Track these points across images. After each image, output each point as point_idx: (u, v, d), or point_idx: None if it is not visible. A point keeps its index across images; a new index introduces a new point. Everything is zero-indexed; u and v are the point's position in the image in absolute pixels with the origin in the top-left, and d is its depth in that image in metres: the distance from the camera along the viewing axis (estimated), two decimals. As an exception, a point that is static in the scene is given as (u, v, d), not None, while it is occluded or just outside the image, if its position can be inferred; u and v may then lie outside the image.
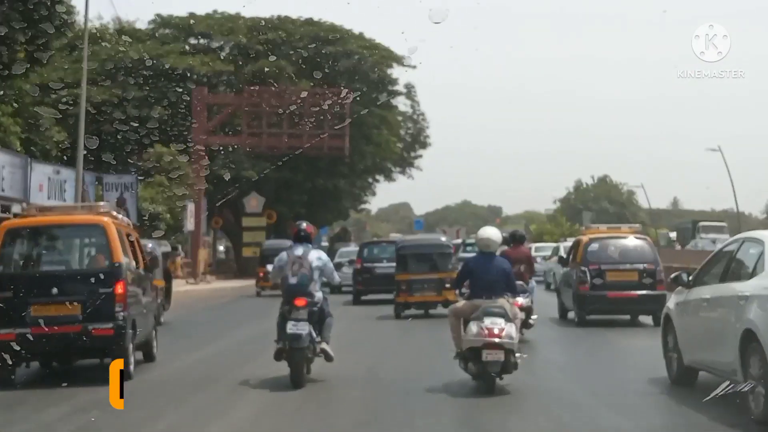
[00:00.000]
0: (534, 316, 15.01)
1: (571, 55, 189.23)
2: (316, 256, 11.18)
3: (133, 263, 12.49)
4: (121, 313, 11.35)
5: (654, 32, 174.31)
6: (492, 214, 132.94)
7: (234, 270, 48.87)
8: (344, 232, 60.01)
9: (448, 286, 19.03)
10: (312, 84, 42.07)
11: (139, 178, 32.41)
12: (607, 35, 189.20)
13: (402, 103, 63.99)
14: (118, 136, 32.66)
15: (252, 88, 39.96)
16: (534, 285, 15.95)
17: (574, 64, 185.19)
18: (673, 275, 10.77)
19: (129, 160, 32.66)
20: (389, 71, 50.61)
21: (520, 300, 13.17)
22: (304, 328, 10.73)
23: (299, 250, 11.16)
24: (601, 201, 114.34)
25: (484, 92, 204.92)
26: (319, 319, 11.12)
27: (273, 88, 40.00)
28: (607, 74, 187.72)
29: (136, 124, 36.28)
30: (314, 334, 10.97)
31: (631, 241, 18.26)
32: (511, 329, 10.23)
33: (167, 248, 24.61)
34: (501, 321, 10.22)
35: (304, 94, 39.16)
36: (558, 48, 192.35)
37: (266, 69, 43.39)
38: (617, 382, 11.25)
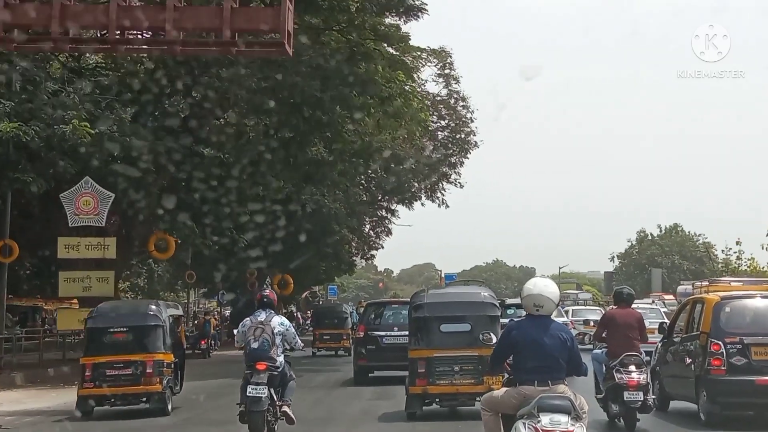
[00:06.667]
0: (652, 396, 12.87)
1: (602, 125, 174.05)
2: (278, 322, 11.74)
3: None
4: None
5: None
6: (525, 276, 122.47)
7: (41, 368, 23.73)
8: (314, 295, 45.81)
9: None
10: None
11: None
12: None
13: (429, 76, 40.77)
14: None
15: None
16: (645, 357, 13.26)
17: (604, 128, 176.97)
18: None
19: None
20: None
21: (635, 376, 12.26)
22: (263, 392, 11.27)
23: (262, 316, 11.72)
24: (671, 255, 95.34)
25: (514, 150, 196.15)
26: (281, 382, 11.67)
27: None
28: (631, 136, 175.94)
29: None
30: (275, 397, 11.50)
31: None
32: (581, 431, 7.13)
33: (177, 311, 16.97)
34: (565, 419, 6.99)
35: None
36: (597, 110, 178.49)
37: None
38: None
